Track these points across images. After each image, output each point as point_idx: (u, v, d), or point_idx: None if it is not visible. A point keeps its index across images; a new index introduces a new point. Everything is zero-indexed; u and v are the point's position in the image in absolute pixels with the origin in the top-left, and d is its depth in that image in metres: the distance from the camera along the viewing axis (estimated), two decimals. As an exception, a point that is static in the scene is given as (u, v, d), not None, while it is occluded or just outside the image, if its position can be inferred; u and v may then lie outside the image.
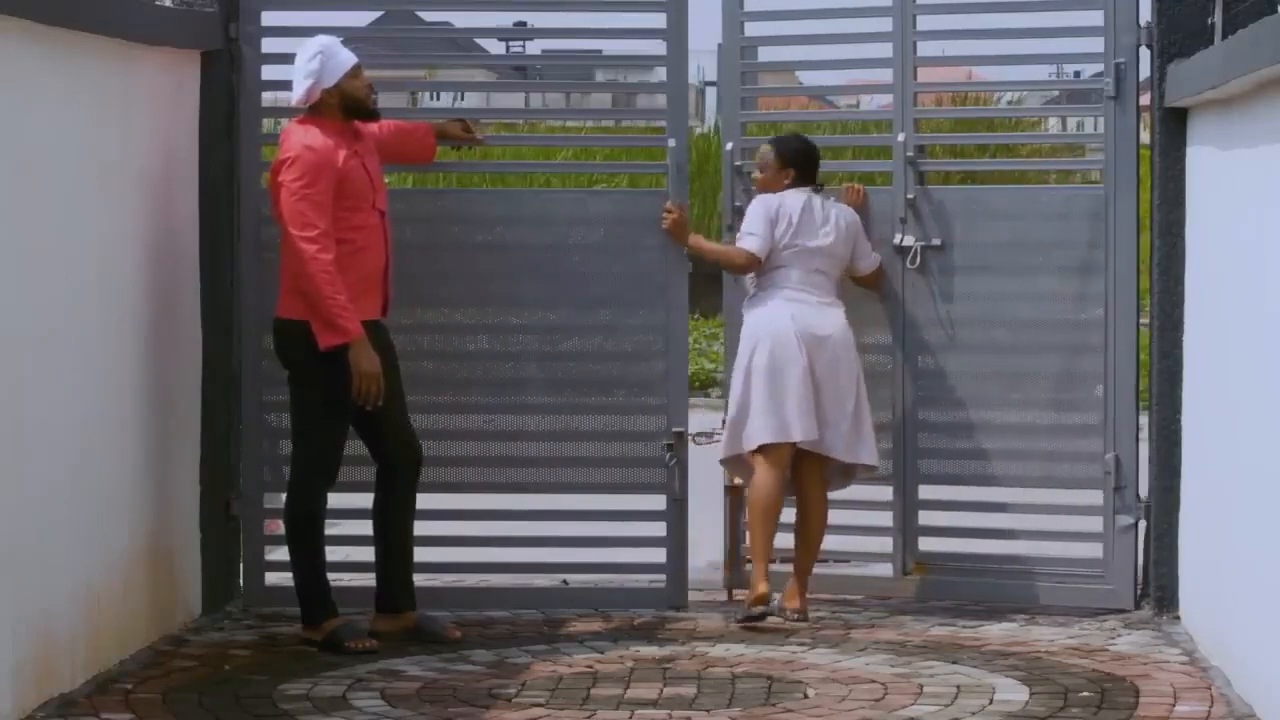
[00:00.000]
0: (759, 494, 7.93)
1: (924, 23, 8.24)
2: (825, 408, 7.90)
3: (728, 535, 8.45)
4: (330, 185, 7.29)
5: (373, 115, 7.53)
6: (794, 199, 8.04)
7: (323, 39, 7.50)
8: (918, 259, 8.23)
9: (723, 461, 8.14)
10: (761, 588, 7.84)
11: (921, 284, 8.25)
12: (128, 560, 7.16)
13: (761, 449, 7.92)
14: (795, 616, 7.88)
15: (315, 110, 7.47)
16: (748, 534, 8.10)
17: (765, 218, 8.01)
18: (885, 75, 8.32)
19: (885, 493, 8.29)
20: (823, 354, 7.90)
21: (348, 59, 7.45)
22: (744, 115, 8.47)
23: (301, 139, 7.37)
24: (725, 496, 8.47)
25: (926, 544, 8.34)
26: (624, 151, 20.33)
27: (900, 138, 8.23)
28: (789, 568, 8.03)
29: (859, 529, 8.32)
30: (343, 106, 7.45)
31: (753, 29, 8.46)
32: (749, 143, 8.41)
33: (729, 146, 8.38)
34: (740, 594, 8.27)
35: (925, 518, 8.33)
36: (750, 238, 8.03)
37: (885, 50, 8.26)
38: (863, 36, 8.45)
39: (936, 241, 8.24)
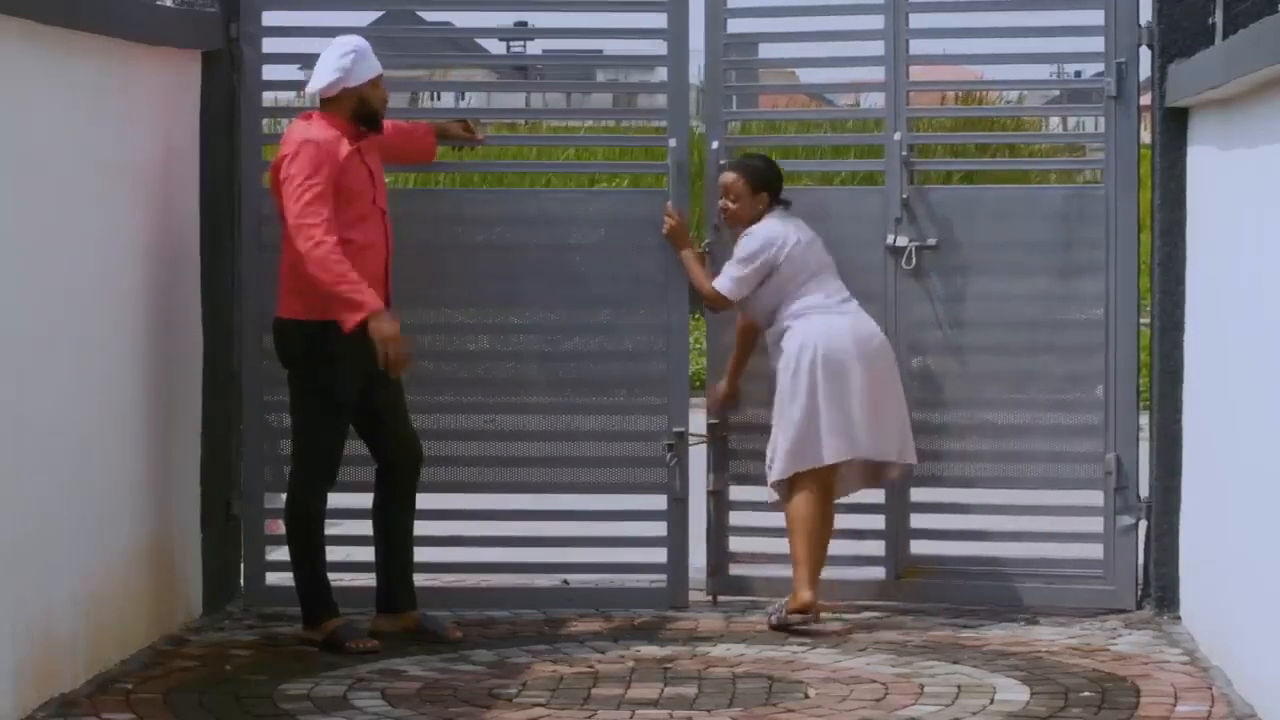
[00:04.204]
0: (813, 511, 7.76)
1: (918, 21, 8.21)
2: (882, 415, 7.81)
3: (712, 541, 8.35)
4: (331, 177, 7.28)
5: (378, 127, 7.53)
6: (787, 228, 7.94)
7: (358, 40, 7.50)
8: (913, 260, 8.20)
9: (774, 485, 7.85)
10: (808, 595, 7.72)
11: (917, 285, 8.22)
12: (128, 560, 7.16)
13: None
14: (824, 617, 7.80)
15: (325, 106, 7.48)
16: (798, 546, 7.77)
17: (761, 266, 7.87)
18: (878, 73, 8.27)
19: (879, 495, 8.25)
20: (877, 362, 7.83)
21: (376, 67, 7.48)
22: (728, 114, 8.40)
23: (303, 133, 7.37)
24: (707, 500, 8.34)
25: (924, 547, 8.31)
26: (624, 151, 20.29)
27: (896, 136, 8.19)
28: (787, 572, 7.97)
29: (850, 533, 8.20)
30: (356, 110, 7.45)
31: (736, 25, 8.36)
32: (734, 141, 8.39)
33: (714, 145, 8.30)
34: (726, 598, 8.24)
35: (924, 520, 8.29)
36: (731, 279, 7.92)
37: (877, 48, 8.22)
38: (853, 34, 8.41)
39: (932, 242, 8.21)
